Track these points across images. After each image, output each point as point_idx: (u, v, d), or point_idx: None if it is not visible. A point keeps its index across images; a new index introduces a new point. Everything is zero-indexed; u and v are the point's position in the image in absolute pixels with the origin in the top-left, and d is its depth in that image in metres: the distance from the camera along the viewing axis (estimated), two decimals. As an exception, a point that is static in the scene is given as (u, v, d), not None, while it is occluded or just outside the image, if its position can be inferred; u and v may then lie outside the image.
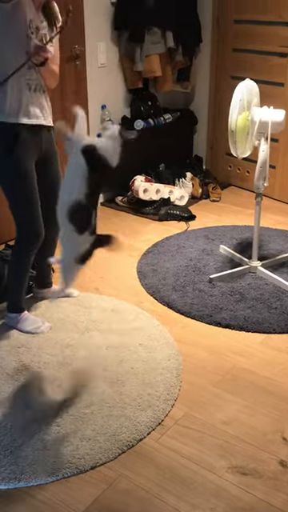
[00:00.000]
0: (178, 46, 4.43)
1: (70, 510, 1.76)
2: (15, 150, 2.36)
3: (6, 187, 2.48)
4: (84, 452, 1.97)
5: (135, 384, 2.32)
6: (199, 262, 3.42)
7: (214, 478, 1.88)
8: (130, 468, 1.92)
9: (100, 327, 2.74)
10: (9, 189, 2.47)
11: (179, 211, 4.15)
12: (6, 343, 2.60)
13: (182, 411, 2.18)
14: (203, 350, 2.58)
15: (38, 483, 1.86)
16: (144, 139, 4.43)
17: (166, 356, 2.51)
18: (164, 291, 3.09)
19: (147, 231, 3.96)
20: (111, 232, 2.35)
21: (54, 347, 2.57)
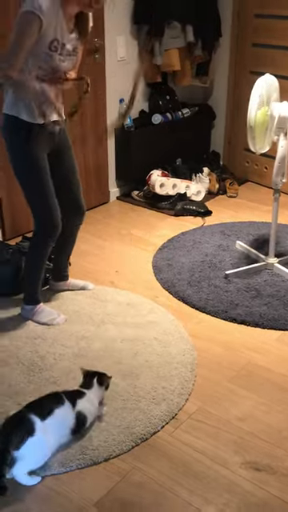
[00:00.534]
0: (198, 40, 4.40)
1: (83, 500, 1.77)
2: (28, 144, 2.38)
3: (22, 180, 2.50)
4: (98, 444, 1.97)
5: (149, 377, 2.32)
6: (215, 258, 3.41)
7: (228, 473, 1.87)
8: (144, 461, 1.92)
9: (115, 320, 2.75)
10: (24, 181, 2.49)
11: (195, 206, 4.14)
12: (22, 334, 2.62)
13: (196, 406, 2.18)
14: (218, 346, 2.58)
15: (51, 473, 1.87)
16: (161, 134, 4.44)
17: (181, 350, 2.51)
18: (179, 286, 3.09)
19: (163, 226, 3.96)
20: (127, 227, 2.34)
21: (70, 339, 2.59)
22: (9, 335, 2.62)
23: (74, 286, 3.04)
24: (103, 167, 4.27)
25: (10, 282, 2.92)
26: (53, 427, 1.87)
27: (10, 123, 2.38)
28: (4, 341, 2.57)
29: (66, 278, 3.02)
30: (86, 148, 4.05)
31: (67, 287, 3.03)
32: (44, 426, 1.84)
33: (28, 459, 1.80)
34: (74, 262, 3.33)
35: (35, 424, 1.82)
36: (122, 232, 3.86)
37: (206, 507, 1.74)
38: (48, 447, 1.87)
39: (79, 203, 2.74)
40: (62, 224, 2.59)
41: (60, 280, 3.01)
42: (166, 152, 4.54)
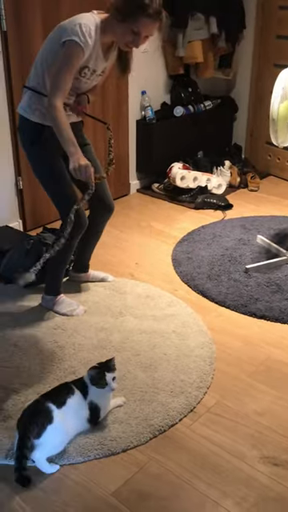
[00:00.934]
0: (221, 31, 4.36)
1: (100, 490, 1.79)
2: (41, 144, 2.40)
3: (40, 179, 2.52)
4: (116, 434, 1.99)
5: (168, 370, 2.33)
6: (235, 252, 3.39)
7: (246, 467, 1.87)
8: (161, 453, 1.93)
9: (134, 312, 2.76)
10: (42, 180, 2.52)
11: (216, 200, 4.12)
12: (42, 324, 2.65)
13: (215, 399, 2.18)
14: (237, 340, 2.57)
15: (70, 463, 1.89)
16: (183, 126, 4.41)
17: (200, 344, 2.51)
18: (198, 279, 3.08)
19: (183, 219, 3.95)
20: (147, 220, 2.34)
21: (89, 330, 2.60)
22: (29, 325, 2.64)
23: (94, 277, 3.05)
24: (124, 159, 4.27)
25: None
26: (68, 415, 1.90)
27: (22, 123, 2.42)
28: (24, 330, 2.60)
29: (86, 270, 3.03)
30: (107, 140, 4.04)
31: (87, 279, 3.04)
32: (61, 414, 1.87)
33: (48, 445, 1.83)
34: (94, 253, 3.33)
35: (53, 412, 1.85)
36: (141, 224, 3.86)
37: (224, 500, 1.75)
38: (66, 434, 1.90)
39: (107, 200, 2.73)
40: (90, 218, 2.61)
41: (81, 271, 3.02)
42: (187, 145, 4.53)
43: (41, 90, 2.32)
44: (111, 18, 2.25)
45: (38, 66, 2.33)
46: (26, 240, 3.10)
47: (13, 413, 2.07)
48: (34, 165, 2.50)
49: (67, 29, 2.21)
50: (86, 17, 2.25)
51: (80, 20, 2.21)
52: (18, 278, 2.22)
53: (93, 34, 2.23)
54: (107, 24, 2.27)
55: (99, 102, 3.83)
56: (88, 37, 2.20)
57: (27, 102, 2.38)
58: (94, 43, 2.25)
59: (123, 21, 2.21)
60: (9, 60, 3.25)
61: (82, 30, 2.19)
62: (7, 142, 3.40)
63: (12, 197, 3.60)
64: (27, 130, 2.41)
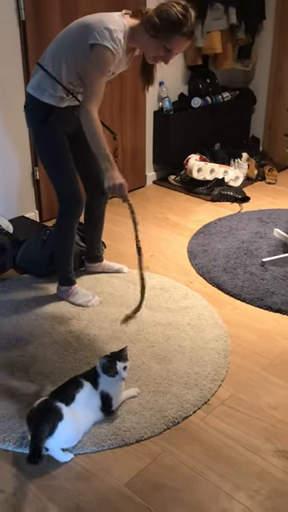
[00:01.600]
0: (241, 22, 4.32)
1: (114, 479, 1.80)
2: (47, 124, 2.39)
3: (42, 158, 2.52)
4: (130, 425, 1.99)
5: (182, 362, 2.32)
6: (251, 245, 3.37)
7: (259, 460, 1.86)
8: (175, 444, 1.93)
9: (149, 304, 2.75)
10: (44, 159, 2.51)
11: (233, 192, 4.09)
12: (57, 315, 2.66)
13: (229, 392, 2.18)
14: (252, 333, 2.56)
15: (84, 452, 1.90)
16: (200, 117, 4.38)
17: (215, 336, 2.50)
18: (214, 272, 3.07)
19: (199, 211, 3.93)
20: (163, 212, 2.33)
21: (104, 321, 2.61)
22: (44, 315, 2.65)
23: (109, 268, 3.05)
24: (141, 151, 4.26)
25: (47, 262, 2.95)
26: (80, 409, 1.91)
27: (31, 103, 2.40)
28: (39, 320, 2.61)
29: (100, 259, 3.03)
30: (124, 131, 4.04)
31: (102, 269, 3.05)
32: (71, 410, 1.87)
33: (61, 440, 1.84)
34: (109, 244, 3.35)
35: (62, 410, 1.85)
36: (157, 216, 3.85)
37: (237, 493, 1.74)
38: (78, 428, 1.90)
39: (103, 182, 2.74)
40: (87, 202, 2.63)
41: (94, 261, 3.03)
42: (204, 136, 4.50)
43: (56, 76, 2.30)
44: (141, 29, 2.20)
45: (55, 53, 2.29)
46: (42, 231, 3.11)
47: (27, 401, 2.08)
48: (39, 144, 2.49)
49: (96, 30, 2.15)
50: (116, 22, 2.19)
51: (110, 25, 2.15)
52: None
53: (122, 42, 2.20)
54: (136, 33, 2.22)
55: (117, 93, 3.81)
56: (119, 45, 2.17)
57: (38, 82, 2.35)
58: (121, 51, 2.22)
59: (155, 37, 2.18)
60: (27, 50, 3.25)
61: (113, 37, 2.15)
62: (24, 133, 3.41)
63: (29, 187, 3.62)
64: (35, 109, 2.39)
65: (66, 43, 2.28)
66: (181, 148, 4.33)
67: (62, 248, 2.71)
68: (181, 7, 2.15)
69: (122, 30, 2.19)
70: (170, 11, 2.14)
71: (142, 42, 2.24)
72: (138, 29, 2.22)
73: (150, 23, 2.17)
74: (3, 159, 3.41)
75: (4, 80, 3.24)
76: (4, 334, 2.51)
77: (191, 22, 2.18)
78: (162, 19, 2.15)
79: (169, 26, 2.15)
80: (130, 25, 2.23)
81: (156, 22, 2.15)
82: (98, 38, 2.14)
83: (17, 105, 3.27)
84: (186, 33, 2.18)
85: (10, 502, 1.71)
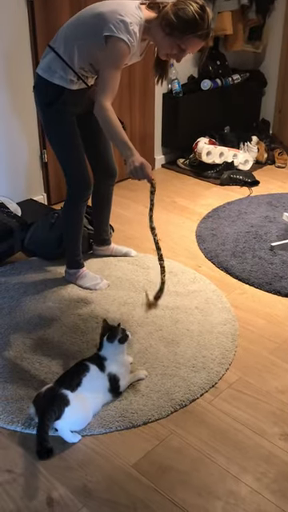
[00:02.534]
0: (252, 2, 4.24)
1: (121, 461, 1.81)
2: (56, 105, 2.36)
3: (51, 139, 2.50)
4: (137, 407, 2.00)
5: (190, 346, 2.32)
6: (261, 229, 3.34)
7: (266, 443, 1.87)
8: (182, 427, 1.94)
9: (156, 288, 2.74)
10: (53, 141, 2.49)
11: (242, 176, 4.06)
12: (65, 297, 2.66)
13: (237, 376, 2.18)
14: (261, 318, 2.55)
15: (91, 433, 1.91)
16: (210, 100, 4.33)
17: (223, 320, 2.49)
18: (223, 256, 3.05)
19: (208, 195, 3.90)
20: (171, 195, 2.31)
21: (112, 304, 2.61)
22: (53, 298, 2.66)
23: (117, 251, 3.05)
24: (149, 134, 4.22)
25: (55, 245, 2.95)
26: (87, 393, 1.92)
27: (41, 84, 2.37)
28: (48, 303, 2.62)
29: (108, 243, 3.03)
30: (133, 114, 4.01)
31: (110, 253, 3.04)
32: (77, 395, 1.88)
33: (68, 423, 1.86)
34: (117, 228, 3.34)
35: (68, 396, 1.86)
36: (166, 200, 3.83)
37: (244, 475, 1.75)
38: (86, 412, 1.92)
39: (110, 164, 2.74)
40: (95, 185, 2.61)
41: (102, 244, 3.02)
42: (214, 119, 4.45)
43: (67, 60, 2.28)
44: (157, 24, 2.15)
45: (68, 39, 2.25)
46: (50, 214, 3.10)
47: (36, 383, 2.09)
48: (47, 125, 2.47)
49: (112, 22, 2.10)
50: (133, 14, 2.13)
51: (127, 17, 2.11)
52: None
53: (138, 35, 2.16)
54: (151, 27, 2.18)
55: (126, 75, 3.77)
56: (134, 38, 2.13)
57: (48, 64, 2.32)
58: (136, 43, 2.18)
59: (170, 35, 2.13)
60: (35, 30, 3.21)
61: (129, 30, 2.10)
62: (32, 115, 3.39)
63: (37, 170, 3.60)
64: (45, 90, 2.36)
65: (79, 31, 2.24)
66: (190, 131, 4.29)
67: (70, 231, 2.71)
68: (198, 7, 2.09)
69: (138, 23, 2.15)
70: (187, 10, 2.08)
71: (156, 37, 2.19)
72: (154, 23, 2.17)
73: (167, 20, 2.12)
74: (11, 142, 3.40)
75: (12, 61, 3.21)
76: (13, 316, 2.52)
77: (208, 23, 2.12)
78: (178, 18, 2.10)
79: (185, 25, 2.10)
80: (146, 18, 2.18)
81: (172, 19, 2.10)
82: (114, 30, 2.10)
83: (25, 86, 3.25)
84: (202, 34, 2.13)
85: (19, 482, 1.73)
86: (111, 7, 2.16)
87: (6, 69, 3.20)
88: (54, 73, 2.31)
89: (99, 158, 2.67)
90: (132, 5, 2.17)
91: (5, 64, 3.19)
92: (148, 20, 2.18)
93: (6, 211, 3.08)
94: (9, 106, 3.30)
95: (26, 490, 1.71)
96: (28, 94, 2.44)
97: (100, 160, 2.67)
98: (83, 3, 3.17)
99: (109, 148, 2.69)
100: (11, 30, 3.14)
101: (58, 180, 3.64)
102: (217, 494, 1.69)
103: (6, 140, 3.37)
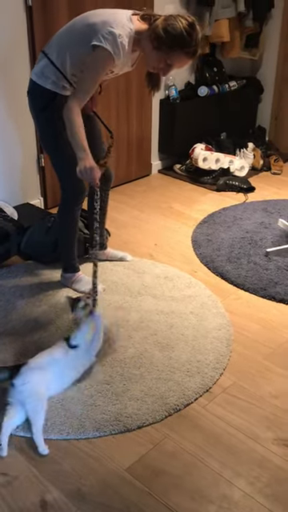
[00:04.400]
0: (249, 10, 4.28)
1: (115, 465, 1.81)
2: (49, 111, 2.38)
3: (45, 145, 2.52)
4: (132, 411, 2.00)
5: (185, 350, 2.33)
6: (256, 235, 3.36)
7: (260, 448, 1.88)
8: (176, 431, 1.95)
9: (152, 293, 2.76)
10: (47, 146, 2.51)
11: (238, 182, 4.08)
12: (61, 301, 2.67)
13: (231, 380, 2.19)
14: (255, 323, 2.56)
15: (85, 437, 1.91)
16: (207, 106, 4.36)
17: (217, 325, 2.51)
18: (218, 262, 3.07)
19: (204, 201, 3.92)
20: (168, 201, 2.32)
21: (107, 308, 2.62)
22: (48, 301, 2.67)
23: (113, 256, 3.06)
24: (146, 139, 4.24)
25: (51, 249, 2.96)
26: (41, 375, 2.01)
27: (34, 89, 2.39)
28: (43, 307, 2.62)
29: (103, 247, 3.04)
30: (130, 119, 4.03)
31: (106, 257, 3.05)
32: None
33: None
34: (114, 233, 3.35)
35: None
36: (162, 205, 3.84)
37: (237, 480, 1.76)
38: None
39: (106, 170, 2.74)
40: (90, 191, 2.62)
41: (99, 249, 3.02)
42: (210, 125, 4.48)
43: (59, 67, 2.30)
44: (147, 36, 2.17)
45: (61, 46, 2.28)
46: (46, 218, 3.12)
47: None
48: (42, 129, 2.49)
49: (100, 32, 2.13)
50: (123, 25, 2.15)
51: (117, 29, 2.12)
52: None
53: (126, 47, 2.17)
54: (141, 39, 2.19)
55: (123, 81, 3.79)
56: (121, 50, 2.15)
57: (41, 70, 2.34)
58: (125, 55, 2.20)
59: (158, 49, 2.15)
60: (33, 35, 3.23)
61: (117, 42, 2.12)
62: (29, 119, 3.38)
63: (33, 174, 3.62)
64: (39, 95, 2.38)
65: (71, 39, 2.26)
66: (186, 137, 4.31)
67: (64, 235, 2.72)
68: (187, 24, 2.10)
69: (128, 35, 2.16)
70: (175, 26, 2.10)
71: (146, 49, 2.21)
72: (144, 35, 2.18)
73: (155, 34, 2.13)
74: (8, 146, 3.41)
75: (10, 65, 3.23)
76: (9, 320, 2.53)
77: (196, 40, 2.13)
78: (166, 32, 2.11)
79: (172, 41, 2.11)
80: (137, 29, 2.19)
81: (161, 34, 2.12)
82: (102, 40, 2.12)
83: (22, 91, 3.25)
84: (189, 51, 2.15)
85: (13, 484, 1.73)
86: (103, 18, 2.17)
87: (3, 73, 3.22)
88: (47, 78, 2.33)
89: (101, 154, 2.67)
90: (124, 16, 2.19)
91: (2, 68, 3.21)
92: (139, 32, 2.19)
93: (3, 215, 3.09)
94: (6, 111, 3.31)
95: (20, 493, 1.71)
96: (25, 98, 2.46)
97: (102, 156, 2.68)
98: (81, 9, 3.19)
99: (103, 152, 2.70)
100: (9, 34, 3.16)
101: (55, 184, 3.65)
102: (210, 498, 1.70)
103: (3, 144, 3.38)
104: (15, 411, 1.92)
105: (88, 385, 2.12)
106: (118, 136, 3.99)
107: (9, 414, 1.91)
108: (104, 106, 3.75)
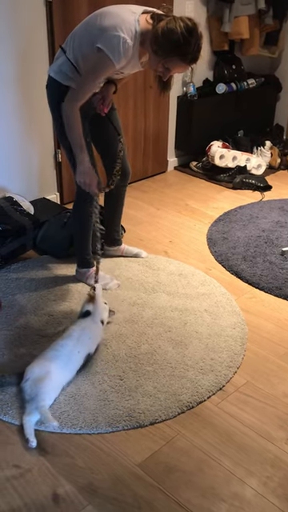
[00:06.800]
0: (269, 7, 4.24)
1: (127, 460, 1.82)
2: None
3: (61, 140, 2.51)
4: (144, 407, 2.01)
5: (198, 348, 2.33)
6: (272, 234, 3.34)
7: (273, 447, 1.87)
8: (189, 428, 1.94)
9: (166, 289, 2.76)
10: (63, 142, 2.50)
11: (255, 180, 4.06)
12: (75, 296, 2.68)
13: (245, 379, 2.18)
14: (270, 322, 2.55)
15: (98, 432, 1.92)
16: (225, 104, 4.34)
17: (232, 324, 2.50)
18: (233, 260, 3.06)
19: (220, 199, 3.91)
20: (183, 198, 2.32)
21: (121, 304, 2.62)
22: (63, 296, 2.68)
23: (128, 252, 3.06)
24: (163, 136, 4.23)
25: (66, 244, 2.97)
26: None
27: (53, 85, 2.40)
28: (58, 301, 2.63)
29: (119, 243, 3.04)
30: (148, 115, 4.02)
31: (121, 253, 3.05)
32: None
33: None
34: (129, 229, 3.35)
35: None
36: (177, 202, 3.84)
37: (249, 479, 1.75)
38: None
39: (124, 165, 2.74)
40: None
41: (113, 244, 3.03)
42: (228, 123, 4.46)
43: (74, 63, 2.30)
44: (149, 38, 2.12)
45: (75, 45, 2.28)
46: (62, 213, 3.13)
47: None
48: (58, 123, 2.48)
49: (106, 34, 2.10)
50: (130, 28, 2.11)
51: (124, 32, 2.09)
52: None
53: (130, 50, 2.14)
54: (145, 40, 2.15)
55: (141, 77, 3.79)
56: (123, 54, 2.12)
57: (59, 67, 2.35)
58: (130, 56, 2.18)
59: (156, 53, 2.12)
60: (53, 30, 3.24)
61: (120, 46, 2.09)
62: (47, 114, 3.40)
63: (50, 169, 3.63)
64: (56, 90, 2.39)
65: (83, 38, 2.25)
66: (203, 134, 4.29)
67: (79, 230, 2.72)
68: (186, 29, 2.03)
69: (133, 38, 2.13)
70: (174, 31, 2.03)
71: (148, 50, 2.18)
72: (148, 37, 2.14)
73: (154, 37, 2.09)
74: (25, 141, 3.42)
75: (29, 60, 3.24)
76: (23, 313, 2.54)
77: (195, 47, 2.07)
78: (164, 37, 2.06)
79: (168, 46, 2.07)
80: (143, 30, 2.14)
81: (159, 38, 2.07)
82: (106, 44, 2.11)
83: (41, 86, 3.26)
84: (185, 59, 2.10)
85: (25, 477, 1.75)
86: (112, 21, 2.13)
87: (22, 68, 3.23)
88: (64, 74, 2.34)
89: (111, 158, 2.68)
90: (131, 18, 2.14)
91: (22, 63, 3.22)
92: (144, 33, 2.15)
93: (19, 209, 3.10)
94: (24, 106, 3.33)
95: (33, 485, 1.72)
96: (44, 93, 2.47)
97: (111, 160, 2.68)
98: (101, 5, 3.19)
99: (122, 149, 2.70)
100: (29, 29, 3.17)
101: (71, 180, 3.66)
102: (221, 496, 1.69)
103: (21, 139, 3.39)
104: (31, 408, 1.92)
105: (101, 380, 2.13)
106: (135, 132, 3.99)
107: (26, 411, 1.92)
108: (121, 101, 3.75)
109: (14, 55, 3.17)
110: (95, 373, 2.16)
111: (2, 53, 3.12)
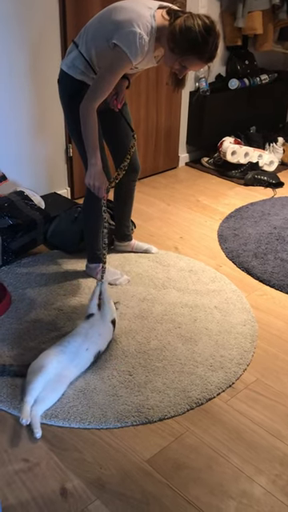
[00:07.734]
0: (284, 2, 4.20)
1: (136, 455, 1.81)
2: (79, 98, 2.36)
3: (73, 134, 2.51)
4: (153, 403, 2.00)
5: (208, 344, 2.32)
6: (284, 231, 3.32)
7: (282, 445, 1.86)
8: (198, 425, 1.94)
9: (176, 286, 2.75)
10: (75, 136, 2.50)
11: (267, 177, 4.03)
12: (85, 291, 2.68)
13: (254, 377, 2.16)
14: (280, 320, 2.53)
15: (107, 427, 1.92)
16: (237, 99, 4.31)
17: (242, 321, 2.48)
18: (244, 257, 3.04)
19: (231, 195, 3.88)
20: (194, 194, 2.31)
21: (131, 300, 2.61)
22: (73, 291, 2.67)
23: (138, 248, 3.05)
24: (174, 131, 4.21)
25: (77, 239, 2.97)
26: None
27: (65, 79, 2.39)
28: (68, 296, 2.63)
29: (129, 238, 3.03)
30: (159, 110, 4.00)
31: (131, 249, 3.05)
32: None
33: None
34: (139, 225, 3.35)
35: None
36: (188, 198, 3.82)
37: (258, 476, 1.74)
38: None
39: (134, 160, 2.73)
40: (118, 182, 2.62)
41: (123, 240, 3.03)
42: (240, 119, 4.43)
43: (87, 57, 2.29)
44: (165, 35, 2.10)
45: (88, 39, 2.26)
46: (73, 208, 3.12)
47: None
48: (70, 118, 2.48)
49: (122, 30, 2.08)
50: (145, 23, 2.09)
51: (140, 27, 2.07)
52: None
53: (146, 47, 2.13)
54: (161, 36, 2.13)
55: (153, 72, 3.77)
56: (140, 50, 2.10)
57: (72, 61, 2.34)
58: (146, 52, 2.16)
59: (173, 51, 2.09)
60: (65, 25, 3.23)
61: (137, 43, 2.07)
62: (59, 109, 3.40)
63: (61, 164, 3.63)
64: (68, 84, 2.38)
65: (97, 32, 2.23)
66: (215, 130, 4.27)
67: (90, 225, 2.72)
68: (204, 27, 2.01)
69: (149, 34, 2.11)
70: (192, 29, 2.01)
71: (164, 47, 2.16)
72: (164, 33, 2.11)
73: (172, 35, 2.06)
74: (37, 135, 3.42)
75: (41, 54, 3.24)
76: (33, 307, 2.54)
77: (212, 46, 2.05)
78: (181, 35, 2.03)
79: (186, 45, 2.04)
80: (159, 26, 2.12)
81: (176, 35, 2.04)
82: (122, 40, 2.09)
83: (52, 80, 3.25)
84: (204, 57, 2.08)
85: (34, 471, 1.75)
86: (127, 16, 2.11)
87: (34, 62, 3.23)
88: (76, 69, 2.33)
89: (121, 153, 2.67)
90: (147, 13, 2.12)
91: (34, 57, 3.21)
92: (160, 28, 2.13)
93: (30, 204, 3.10)
94: (36, 100, 3.32)
95: (41, 479, 1.72)
96: (55, 87, 2.46)
97: (122, 154, 2.67)
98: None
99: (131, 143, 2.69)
100: (42, 23, 3.16)
101: (82, 175, 3.65)
102: (230, 493, 1.69)
103: (32, 133, 3.39)
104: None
105: (111, 375, 2.13)
106: (147, 127, 3.98)
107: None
108: (134, 95, 3.74)
109: (26, 49, 3.17)
110: (105, 368, 2.16)
111: (15, 46, 3.12)
